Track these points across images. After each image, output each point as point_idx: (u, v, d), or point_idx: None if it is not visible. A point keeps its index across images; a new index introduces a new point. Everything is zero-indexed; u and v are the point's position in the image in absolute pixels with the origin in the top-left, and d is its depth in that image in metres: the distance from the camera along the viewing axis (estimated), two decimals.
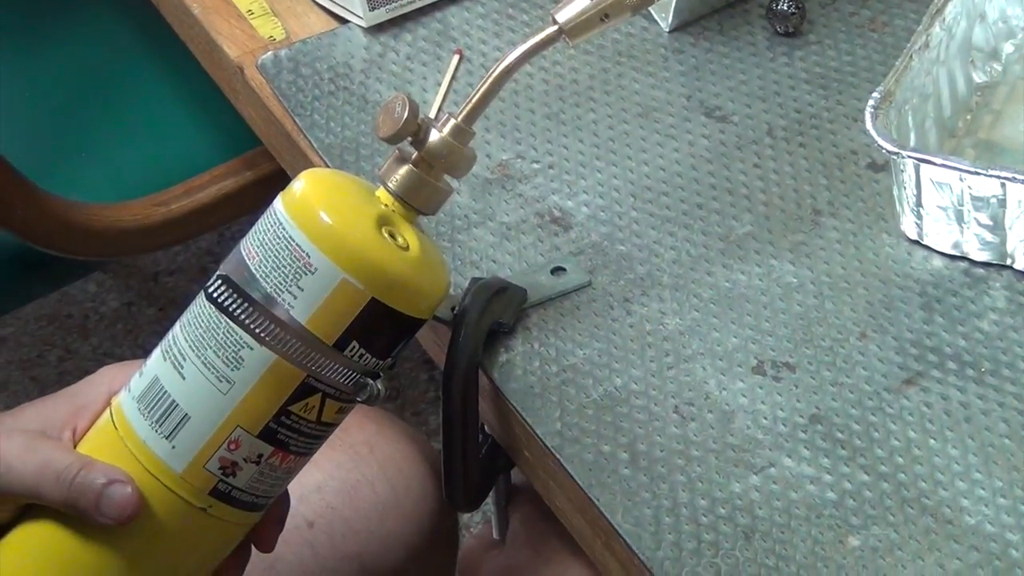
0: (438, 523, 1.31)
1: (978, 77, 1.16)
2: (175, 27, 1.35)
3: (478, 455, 1.08)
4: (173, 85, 1.77)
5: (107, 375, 1.05)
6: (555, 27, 1.02)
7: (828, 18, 1.24)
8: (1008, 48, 1.19)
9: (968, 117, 1.15)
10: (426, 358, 2.19)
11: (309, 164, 1.18)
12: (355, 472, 1.27)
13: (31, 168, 1.64)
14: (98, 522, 0.97)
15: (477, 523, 2.02)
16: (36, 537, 1.01)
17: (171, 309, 2.44)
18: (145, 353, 2.10)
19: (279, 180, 1.68)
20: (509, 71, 1.00)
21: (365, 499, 1.27)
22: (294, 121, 1.21)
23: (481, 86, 1.00)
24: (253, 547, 1.04)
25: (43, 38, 1.79)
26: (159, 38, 1.73)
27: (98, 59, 1.81)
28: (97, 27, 1.81)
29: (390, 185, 0.98)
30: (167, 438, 0.97)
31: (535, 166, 1.16)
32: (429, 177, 0.99)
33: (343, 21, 1.27)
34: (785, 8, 1.22)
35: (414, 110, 0.98)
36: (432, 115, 0.99)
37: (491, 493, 1.15)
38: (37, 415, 1.03)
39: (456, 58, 1.02)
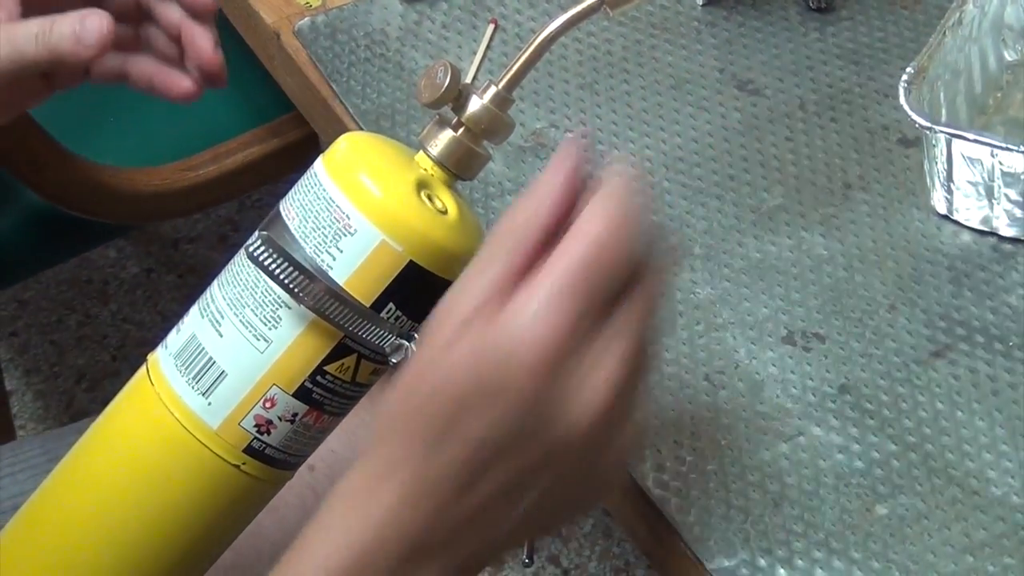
0: None
1: (1009, 56, 1.17)
2: None
3: None
4: None
5: None
6: None
7: None
8: None
9: (998, 95, 1.15)
10: None
11: (344, 129, 1.19)
12: (354, 416, 1.28)
13: (63, 132, 1.65)
14: (81, 56, 1.03)
15: None
16: (70, 487, 1.02)
17: (190, 276, 2.45)
18: (164, 319, 2.12)
19: (304, 147, 1.70)
20: (551, 39, 1.01)
21: (364, 442, 1.28)
22: (330, 87, 1.22)
23: (522, 54, 1.00)
24: None
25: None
26: None
27: None
28: None
29: (430, 150, 0.99)
30: (203, 395, 0.98)
31: (569, 135, 1.17)
32: (469, 142, 0.99)
33: None
34: None
35: (456, 76, 0.98)
36: (468, 78, 1.00)
37: None
38: None
39: (491, 27, 1.03)
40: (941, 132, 1.05)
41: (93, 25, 1.00)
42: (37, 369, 2.34)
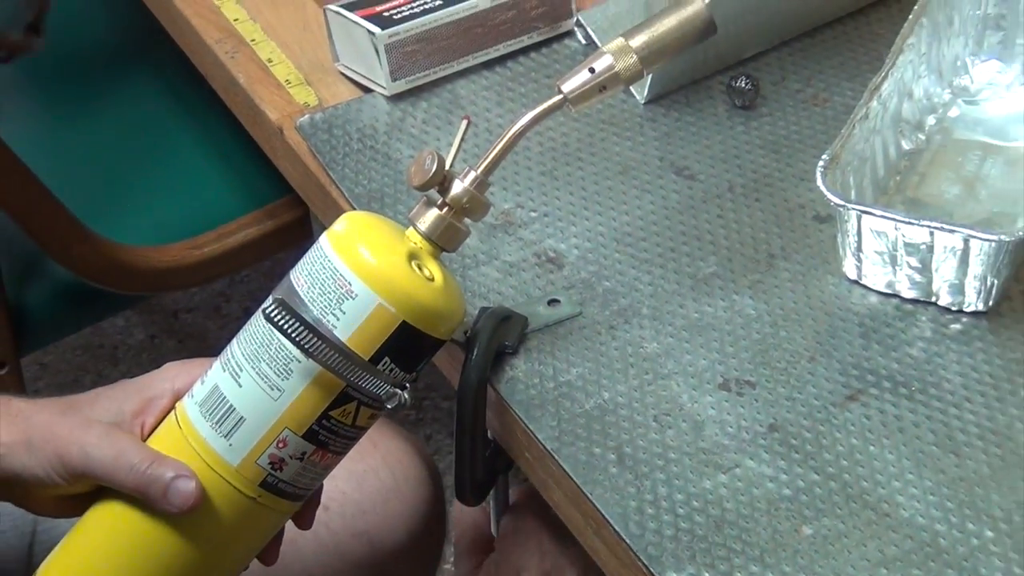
0: (432, 508, 1.34)
1: (906, 145, 1.19)
2: (221, 94, 1.37)
3: (483, 456, 1.10)
4: (206, 145, 1.78)
5: (170, 371, 1.07)
6: (560, 96, 1.04)
7: (778, 94, 1.27)
8: (931, 121, 1.21)
9: (898, 178, 1.17)
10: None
11: (340, 211, 1.19)
12: (362, 463, 1.30)
13: (86, 214, 1.65)
14: (164, 509, 0.99)
15: None
16: (110, 517, 1.03)
17: (188, 342, 2.44)
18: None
19: (295, 229, 1.70)
20: (522, 132, 1.03)
21: (371, 485, 1.30)
22: (328, 174, 1.23)
23: (497, 144, 1.02)
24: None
25: (98, 105, 1.80)
26: (195, 105, 1.76)
27: (143, 122, 1.83)
28: (143, 96, 1.82)
29: (419, 226, 1.01)
30: (225, 437, 0.99)
31: (533, 214, 1.19)
32: (452, 220, 1.01)
33: (368, 90, 1.29)
34: (742, 85, 1.25)
35: (442, 163, 1.00)
36: (449, 165, 1.01)
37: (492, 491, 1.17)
38: (111, 405, 1.06)
39: (465, 123, 1.04)
40: (853, 209, 1.07)
41: (187, 489, 0.99)
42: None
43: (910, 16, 1.19)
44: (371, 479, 1.30)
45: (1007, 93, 1.23)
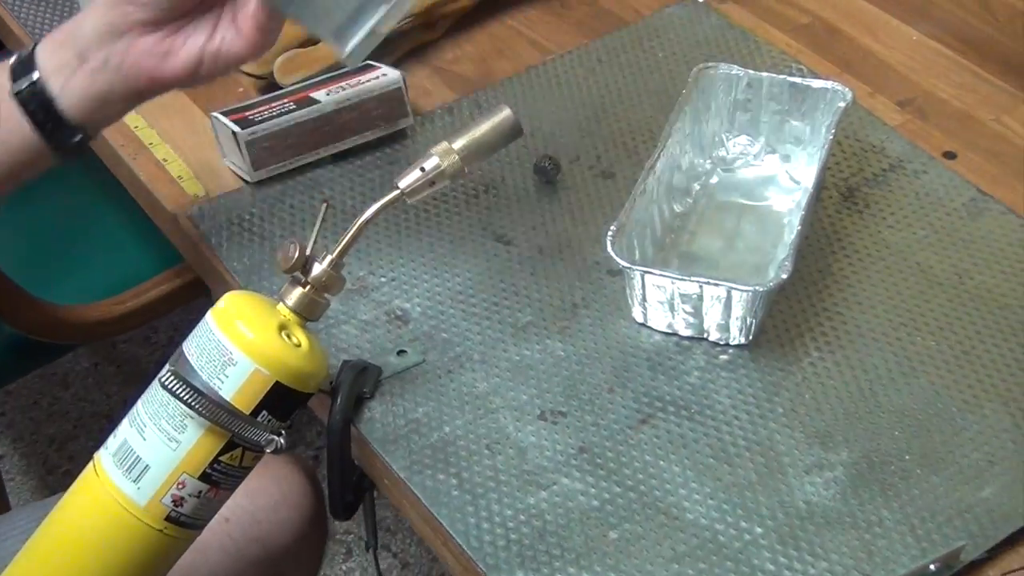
0: (315, 514, 1.27)
1: (678, 208, 1.15)
2: (127, 187, 1.29)
3: (351, 481, 1.04)
4: (124, 220, 1.70)
5: None
6: (398, 191, 0.98)
7: (575, 171, 1.21)
8: (696, 187, 1.17)
9: (672, 236, 1.13)
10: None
11: (225, 282, 1.14)
12: (255, 480, 1.23)
13: (27, 281, 1.57)
14: None
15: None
16: (42, 556, 0.97)
17: (125, 366, 2.36)
18: (108, 397, 2.04)
19: (202, 287, 1.64)
20: (368, 221, 0.97)
21: (263, 498, 1.23)
22: (214, 253, 1.16)
23: (349, 231, 0.97)
24: None
25: (34, 192, 1.71)
26: (113, 188, 1.67)
27: (72, 204, 1.75)
28: (71, 183, 1.74)
29: (287, 302, 0.95)
30: (134, 482, 0.93)
31: (383, 279, 1.12)
32: (314, 295, 0.95)
33: (247, 181, 1.22)
34: (546, 166, 1.20)
35: (303, 251, 0.95)
36: (309, 250, 0.96)
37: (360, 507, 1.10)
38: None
39: (324, 207, 1.00)
40: (637, 270, 1.02)
41: None
42: (20, 438, 2.25)
43: (675, 106, 1.14)
44: (263, 493, 1.23)
45: (756, 161, 1.19)
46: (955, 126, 1.22)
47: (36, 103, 0.98)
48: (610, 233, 1.03)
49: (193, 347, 0.93)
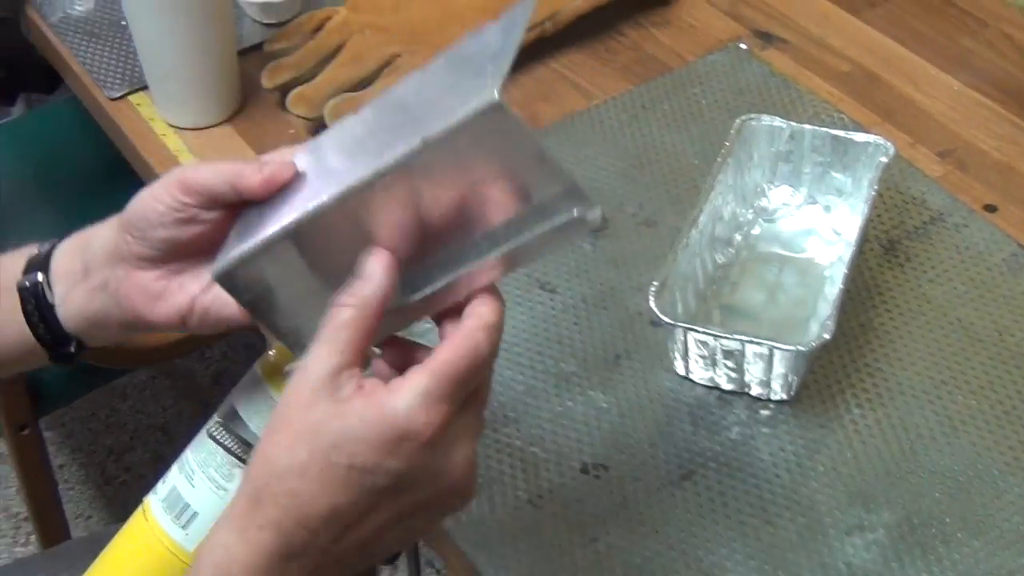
0: None
1: (720, 259, 1.11)
2: None
3: None
4: None
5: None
6: None
7: (618, 219, 1.17)
8: (737, 237, 1.13)
9: (714, 288, 1.09)
10: None
11: None
12: None
13: None
14: (250, 186, 0.80)
15: None
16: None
17: (179, 380, 2.34)
18: (163, 410, 2.02)
19: None
20: None
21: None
22: None
23: None
24: None
25: (90, 217, 1.69)
26: None
27: None
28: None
29: None
30: (183, 528, 0.90)
31: (427, 325, 1.07)
32: None
33: None
34: None
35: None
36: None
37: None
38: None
39: None
40: (680, 327, 0.98)
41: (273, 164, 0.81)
42: (79, 448, 2.23)
43: (718, 158, 1.10)
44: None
45: (797, 212, 1.15)
46: (996, 178, 1.18)
47: (35, 304, 0.90)
48: (653, 288, 0.99)
49: (242, 397, 0.90)
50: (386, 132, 0.76)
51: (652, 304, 0.98)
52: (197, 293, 0.86)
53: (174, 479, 0.92)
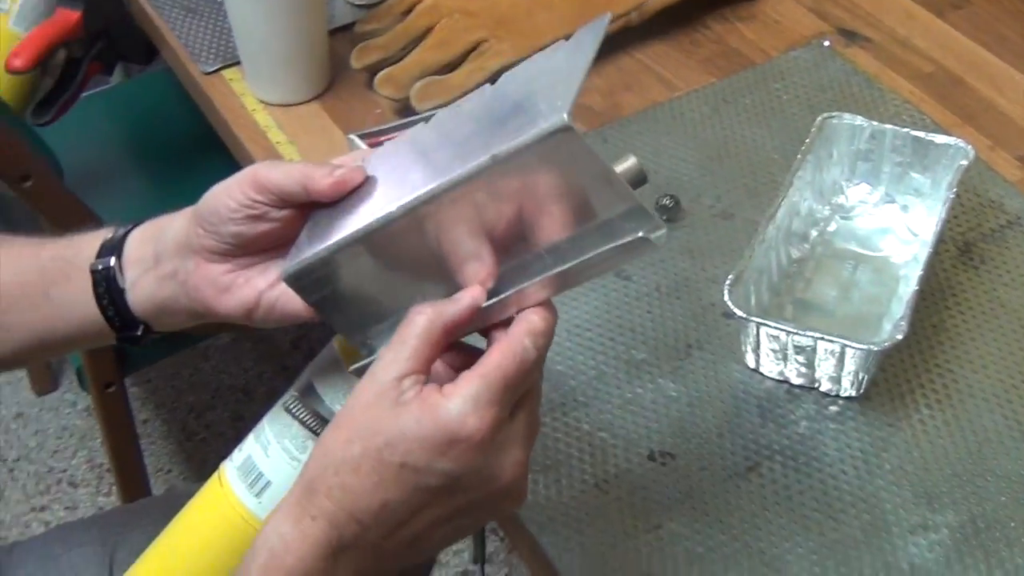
0: None
1: (795, 253, 1.08)
2: None
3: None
4: None
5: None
6: None
7: (695, 210, 1.15)
8: (813, 233, 1.10)
9: (788, 282, 1.06)
10: None
11: None
12: None
13: None
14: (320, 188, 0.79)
15: None
16: (166, 558, 0.93)
17: (260, 343, 2.34)
18: (244, 371, 2.02)
19: None
20: None
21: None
22: None
23: None
24: None
25: (185, 185, 1.68)
26: None
27: None
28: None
29: None
30: (256, 496, 0.89)
31: None
32: None
33: None
34: (666, 202, 1.14)
35: None
36: None
37: None
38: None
39: None
40: (752, 320, 0.96)
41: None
42: (163, 404, 2.24)
43: (798, 154, 1.08)
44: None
45: (874, 210, 1.12)
46: None
47: (106, 287, 0.89)
48: (728, 281, 0.97)
49: (318, 371, 0.89)
50: (456, 145, 0.74)
51: (726, 297, 0.96)
52: (264, 288, 0.85)
53: (250, 448, 0.91)
